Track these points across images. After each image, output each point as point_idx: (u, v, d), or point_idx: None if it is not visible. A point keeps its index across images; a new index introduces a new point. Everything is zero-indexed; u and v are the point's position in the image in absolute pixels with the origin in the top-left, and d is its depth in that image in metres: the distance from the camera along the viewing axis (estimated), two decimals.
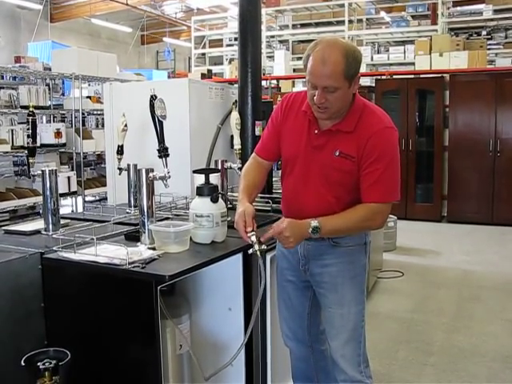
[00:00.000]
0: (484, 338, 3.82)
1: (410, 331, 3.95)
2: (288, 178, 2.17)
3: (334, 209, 2.02)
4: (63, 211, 2.67)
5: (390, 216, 6.15)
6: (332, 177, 2.02)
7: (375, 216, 2.02)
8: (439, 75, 8.20)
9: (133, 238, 2.36)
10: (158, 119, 2.36)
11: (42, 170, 2.54)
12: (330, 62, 1.86)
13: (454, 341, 3.77)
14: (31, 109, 2.79)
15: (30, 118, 2.73)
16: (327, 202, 2.04)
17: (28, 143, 2.74)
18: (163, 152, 2.39)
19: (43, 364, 1.83)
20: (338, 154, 1.99)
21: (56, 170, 2.60)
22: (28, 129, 2.73)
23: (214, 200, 2.28)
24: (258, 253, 2.00)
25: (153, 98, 2.36)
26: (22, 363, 1.81)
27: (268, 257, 2.40)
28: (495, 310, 4.37)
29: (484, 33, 11.55)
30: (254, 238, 2.01)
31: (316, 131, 2.03)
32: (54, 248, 2.16)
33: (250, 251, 2.03)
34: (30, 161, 2.72)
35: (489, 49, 10.03)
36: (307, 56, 1.92)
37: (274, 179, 3.44)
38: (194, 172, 2.45)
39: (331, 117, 1.99)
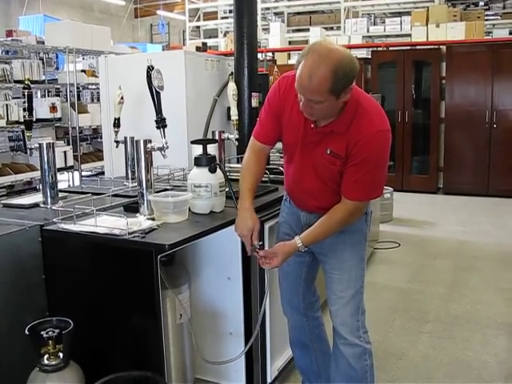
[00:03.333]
0: (478, 306, 3.88)
1: (406, 300, 4.01)
2: (289, 164, 2.20)
3: (329, 196, 2.09)
4: (60, 186, 2.67)
5: (387, 188, 6.18)
6: (324, 173, 2.06)
7: (351, 215, 2.07)
8: (436, 47, 8.15)
9: (132, 209, 2.38)
10: (156, 90, 2.35)
11: (40, 144, 2.54)
12: (316, 77, 1.77)
13: (449, 309, 3.83)
14: (27, 82, 2.77)
15: (26, 91, 2.72)
16: (323, 191, 2.10)
17: (24, 116, 2.73)
18: (161, 123, 2.39)
19: (47, 333, 1.86)
20: (329, 152, 2.00)
21: (53, 143, 2.60)
22: (24, 102, 2.72)
23: (213, 170, 2.29)
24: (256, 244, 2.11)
25: (150, 68, 2.35)
26: (26, 332, 1.84)
27: (266, 226, 2.43)
28: (490, 279, 4.43)
29: (481, 3, 11.44)
30: (261, 253, 2.12)
31: (312, 126, 2.02)
32: (54, 220, 2.18)
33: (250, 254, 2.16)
34: (27, 134, 2.70)
35: (486, 19, 9.93)
36: (298, 62, 1.84)
37: (271, 150, 3.44)
38: (192, 143, 2.46)
39: (320, 120, 1.99)
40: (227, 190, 2.40)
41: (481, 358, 3.12)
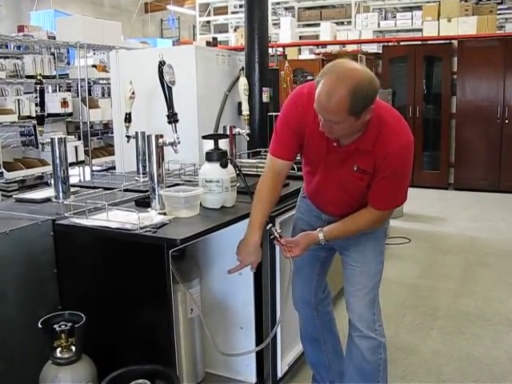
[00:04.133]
0: (489, 302, 3.86)
1: (416, 296, 4.00)
2: (311, 175, 2.19)
3: (353, 205, 2.11)
4: (71, 180, 2.69)
5: None
6: (351, 188, 2.07)
7: (376, 222, 2.12)
8: (447, 41, 8.10)
9: (143, 203, 2.39)
10: (167, 85, 2.35)
11: (51, 138, 2.55)
12: (334, 98, 1.74)
13: (459, 305, 3.82)
14: (39, 77, 2.78)
15: (38, 86, 2.73)
16: (351, 199, 2.11)
17: (36, 111, 2.75)
18: (172, 118, 2.39)
19: (59, 326, 1.88)
20: (356, 169, 1.99)
21: (65, 138, 2.61)
22: (36, 97, 2.74)
23: (224, 165, 2.30)
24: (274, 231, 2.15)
25: (161, 63, 2.35)
26: (39, 325, 1.86)
27: (277, 221, 2.42)
28: (501, 275, 4.40)
29: None
30: (283, 241, 2.15)
31: (335, 144, 1.98)
32: (66, 214, 2.19)
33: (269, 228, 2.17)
34: (39, 129, 2.72)
35: (499, 14, 9.80)
36: (318, 81, 1.81)
37: None
38: (204, 138, 2.46)
39: (342, 139, 1.96)
40: (239, 184, 2.40)
41: (492, 354, 3.11)
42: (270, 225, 2.15)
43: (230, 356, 2.40)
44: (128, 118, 3.02)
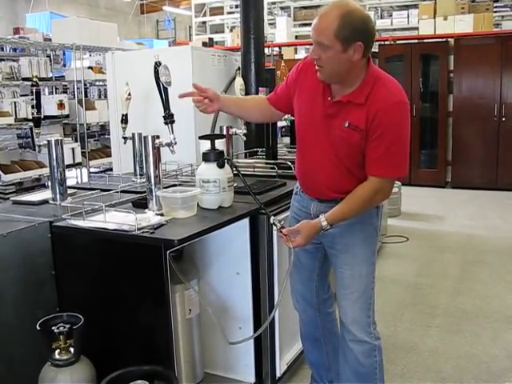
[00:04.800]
0: (488, 299, 3.87)
1: (414, 294, 4.00)
2: (303, 143, 2.19)
3: (343, 176, 2.07)
4: (68, 182, 2.69)
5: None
6: (341, 147, 2.04)
7: (377, 192, 2.04)
8: (443, 40, 8.10)
9: (140, 205, 2.39)
10: (163, 86, 2.35)
11: (48, 140, 2.55)
12: (325, 17, 1.89)
13: (458, 303, 3.82)
14: (35, 79, 2.79)
15: (34, 88, 2.73)
16: (337, 171, 2.08)
17: (33, 113, 2.74)
18: (169, 119, 2.39)
19: (58, 328, 1.88)
20: (347, 125, 1.99)
21: (62, 140, 2.61)
22: (32, 99, 2.74)
23: (221, 165, 2.30)
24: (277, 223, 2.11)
25: (157, 64, 2.35)
26: (38, 327, 1.86)
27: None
28: (499, 273, 4.41)
29: None
30: (284, 231, 2.09)
31: (329, 98, 2.04)
32: (63, 216, 2.19)
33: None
34: (36, 131, 2.72)
35: (495, 11, 9.81)
36: None
37: (278, 145, 3.45)
38: (200, 138, 2.46)
39: (329, 79, 2.01)
40: (236, 184, 2.41)
41: (490, 351, 3.12)
42: (273, 217, 2.11)
43: (235, 344, 2.32)
44: (125, 120, 3.01)
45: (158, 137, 2.31)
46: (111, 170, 4.72)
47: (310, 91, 2.09)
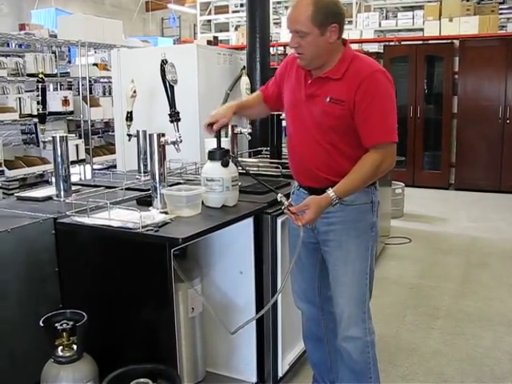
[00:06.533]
0: (490, 302, 3.86)
1: (417, 296, 4.00)
2: (289, 129, 2.26)
3: (330, 154, 2.10)
4: (72, 179, 2.69)
5: (398, 183, 6.15)
6: (324, 122, 2.08)
7: (382, 162, 2.03)
8: (449, 41, 8.08)
9: (145, 202, 2.39)
10: (169, 83, 2.35)
11: (53, 137, 2.55)
12: (299, 6, 1.99)
13: (460, 305, 3.81)
14: (41, 76, 2.78)
15: (40, 84, 2.73)
16: (323, 148, 2.10)
17: (38, 110, 2.74)
18: (175, 116, 2.39)
19: (61, 325, 1.88)
20: (328, 100, 2.06)
21: (66, 137, 2.61)
22: (37, 95, 2.74)
23: (225, 164, 2.29)
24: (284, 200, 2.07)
25: (163, 62, 2.35)
26: (41, 324, 1.86)
27: (279, 220, 2.43)
28: (502, 276, 4.40)
29: None
30: (293, 209, 2.04)
31: (309, 81, 2.13)
32: (67, 213, 2.19)
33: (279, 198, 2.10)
34: (41, 127, 2.72)
35: (500, 13, 9.81)
36: None
37: (283, 145, 3.44)
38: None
39: (310, 64, 2.09)
40: (240, 184, 2.40)
41: (493, 354, 3.11)
42: (280, 195, 2.07)
43: (234, 333, 2.30)
44: (129, 117, 3.01)
45: (163, 134, 2.30)
46: (115, 167, 4.73)
47: (294, 81, 2.20)
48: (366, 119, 2.01)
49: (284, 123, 4.32)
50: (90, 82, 7.25)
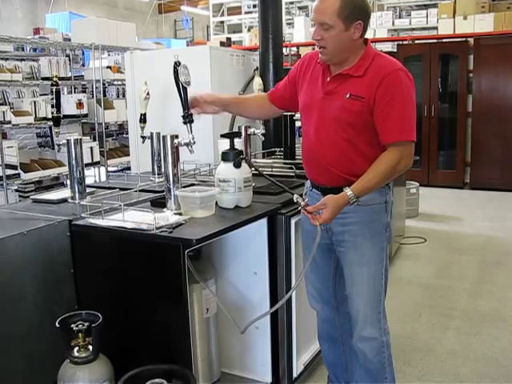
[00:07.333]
0: (507, 302, 3.82)
1: (432, 296, 3.97)
2: (304, 127, 2.24)
3: (346, 152, 2.08)
4: (87, 181, 2.71)
5: (412, 183, 6.12)
6: (342, 118, 2.06)
7: (399, 161, 2.02)
8: (463, 39, 8.01)
9: (159, 204, 2.40)
10: (183, 85, 2.36)
11: (68, 140, 2.57)
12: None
13: (476, 305, 3.78)
14: (55, 79, 2.80)
15: (54, 87, 2.75)
16: (339, 145, 2.09)
17: (52, 113, 2.77)
18: (188, 118, 2.39)
19: (77, 326, 1.89)
20: (348, 96, 2.04)
21: (81, 139, 2.63)
22: (52, 99, 2.76)
23: (237, 165, 2.29)
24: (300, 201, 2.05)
25: (177, 64, 2.36)
26: (57, 325, 1.87)
27: (293, 221, 2.43)
28: None
29: None
30: (309, 209, 2.02)
31: (328, 78, 2.11)
32: (82, 215, 2.21)
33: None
34: (56, 130, 2.74)
35: None
36: None
37: (296, 146, 3.44)
38: (222, 136, 2.46)
39: (331, 59, 2.07)
40: (254, 184, 2.40)
41: (509, 355, 3.08)
42: (296, 195, 2.05)
43: (245, 329, 2.29)
44: (143, 119, 3.03)
45: (176, 136, 2.32)
46: (129, 169, 4.75)
47: (310, 79, 2.18)
48: (386, 116, 2.01)
49: (298, 124, 4.34)
50: (103, 84, 7.31)
